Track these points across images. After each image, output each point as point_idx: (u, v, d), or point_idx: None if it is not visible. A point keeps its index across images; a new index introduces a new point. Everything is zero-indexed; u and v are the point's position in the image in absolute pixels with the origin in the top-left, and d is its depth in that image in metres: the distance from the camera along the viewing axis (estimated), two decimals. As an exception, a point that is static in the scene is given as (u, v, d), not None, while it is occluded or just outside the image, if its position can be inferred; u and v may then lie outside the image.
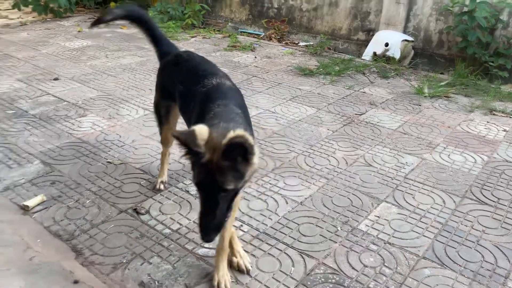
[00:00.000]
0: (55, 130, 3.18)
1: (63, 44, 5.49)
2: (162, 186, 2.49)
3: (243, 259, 1.91)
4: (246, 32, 6.47)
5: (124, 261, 1.94)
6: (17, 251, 1.93)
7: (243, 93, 4.10)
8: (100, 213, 2.27)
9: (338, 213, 2.33)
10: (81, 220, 2.20)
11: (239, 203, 2.26)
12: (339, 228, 2.21)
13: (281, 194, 2.49)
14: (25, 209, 2.26)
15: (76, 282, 1.77)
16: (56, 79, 4.23)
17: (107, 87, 4.09)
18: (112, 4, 7.02)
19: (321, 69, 4.72)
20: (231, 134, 1.42)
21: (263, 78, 4.49)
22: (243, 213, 2.30)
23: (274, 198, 2.45)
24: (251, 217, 2.28)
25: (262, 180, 2.62)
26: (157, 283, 1.83)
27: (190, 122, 1.87)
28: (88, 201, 2.36)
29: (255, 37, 6.23)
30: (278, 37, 6.12)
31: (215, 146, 1.40)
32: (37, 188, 2.45)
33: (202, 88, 1.83)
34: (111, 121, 3.35)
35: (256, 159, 1.47)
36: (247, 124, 1.67)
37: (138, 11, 2.37)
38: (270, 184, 2.59)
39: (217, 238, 1.63)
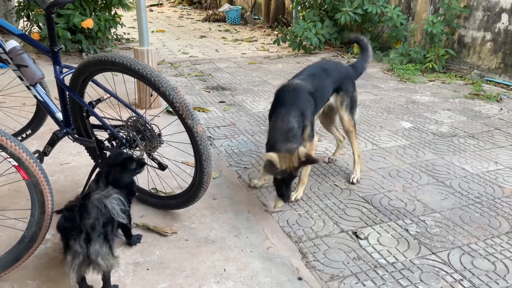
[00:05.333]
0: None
1: (308, 77, 6.24)
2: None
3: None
4: (493, 81, 5.94)
5: (340, 275, 2.14)
6: (259, 239, 2.37)
7: (481, 145, 3.79)
8: (324, 227, 2.54)
9: None
10: (308, 229, 2.52)
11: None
12: None
13: (514, 261, 2.25)
14: (266, 206, 2.73)
15: (300, 279, 2.06)
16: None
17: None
18: (356, 45, 7.56)
19: None
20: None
21: (508, 133, 4.06)
22: (465, 268, 2.19)
23: (504, 263, 2.23)
24: (473, 274, 2.15)
25: (492, 241, 2.42)
26: (367, 305, 1.95)
27: None
28: (315, 214, 2.67)
29: (504, 88, 5.66)
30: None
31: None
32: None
33: None
34: (342, 150, 3.66)
35: None
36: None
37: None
38: (502, 247, 2.36)
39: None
